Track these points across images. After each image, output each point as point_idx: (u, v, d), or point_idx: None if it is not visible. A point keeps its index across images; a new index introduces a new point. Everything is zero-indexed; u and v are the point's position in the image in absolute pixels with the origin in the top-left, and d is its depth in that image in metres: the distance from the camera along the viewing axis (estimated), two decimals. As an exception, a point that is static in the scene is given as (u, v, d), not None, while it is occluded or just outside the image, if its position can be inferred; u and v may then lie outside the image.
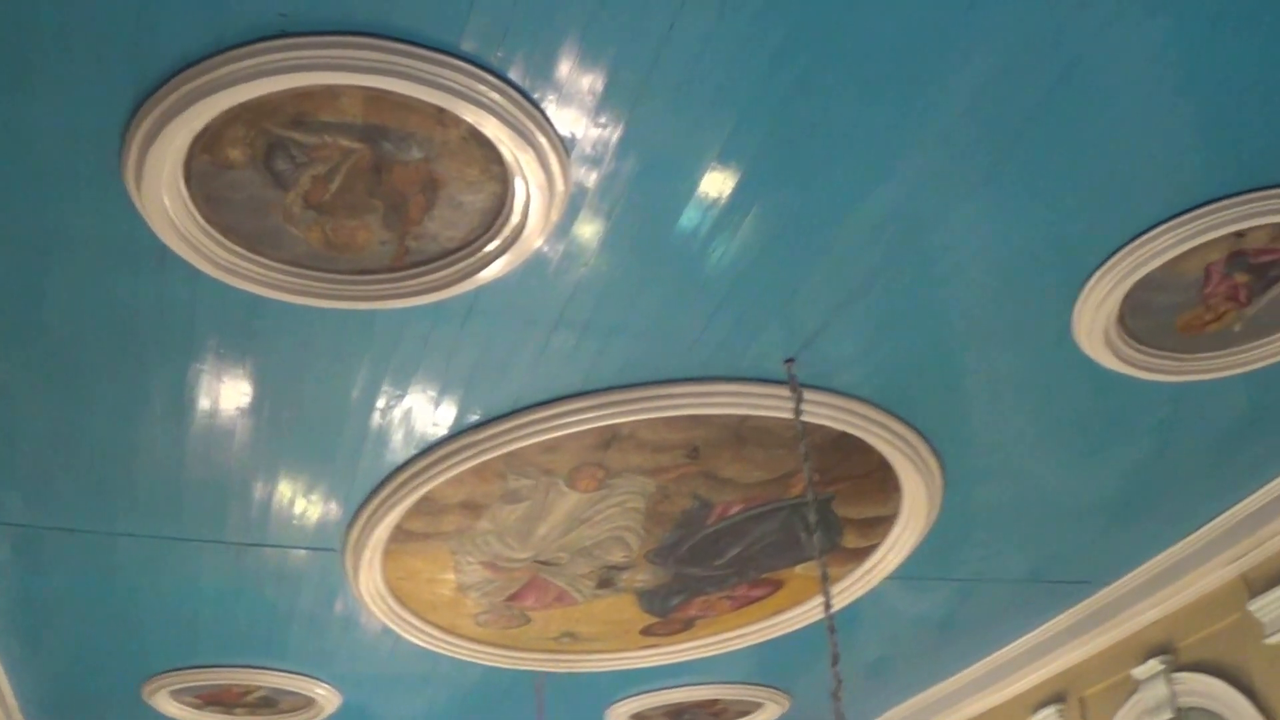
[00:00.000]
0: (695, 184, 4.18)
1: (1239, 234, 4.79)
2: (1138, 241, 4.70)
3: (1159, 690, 7.46)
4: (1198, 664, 7.31)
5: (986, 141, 4.13)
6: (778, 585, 7.11)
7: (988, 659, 8.60)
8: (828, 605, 5.00)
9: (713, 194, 4.22)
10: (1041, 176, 4.32)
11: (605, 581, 6.79)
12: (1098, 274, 4.83)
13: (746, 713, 9.19)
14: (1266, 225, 4.75)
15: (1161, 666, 7.45)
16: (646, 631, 7.49)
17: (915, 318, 5.03)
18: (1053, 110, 4.03)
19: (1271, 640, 6.78)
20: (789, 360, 5.14)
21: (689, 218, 4.32)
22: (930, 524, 6.53)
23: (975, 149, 4.16)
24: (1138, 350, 5.33)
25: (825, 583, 5.09)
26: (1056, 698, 8.28)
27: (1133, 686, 7.65)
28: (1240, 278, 5.07)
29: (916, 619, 7.95)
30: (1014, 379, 5.54)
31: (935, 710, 9.24)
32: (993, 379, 5.52)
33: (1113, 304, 4.98)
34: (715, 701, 8.96)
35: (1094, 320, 5.05)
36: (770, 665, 8.30)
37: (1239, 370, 5.57)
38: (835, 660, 4.76)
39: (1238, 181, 4.52)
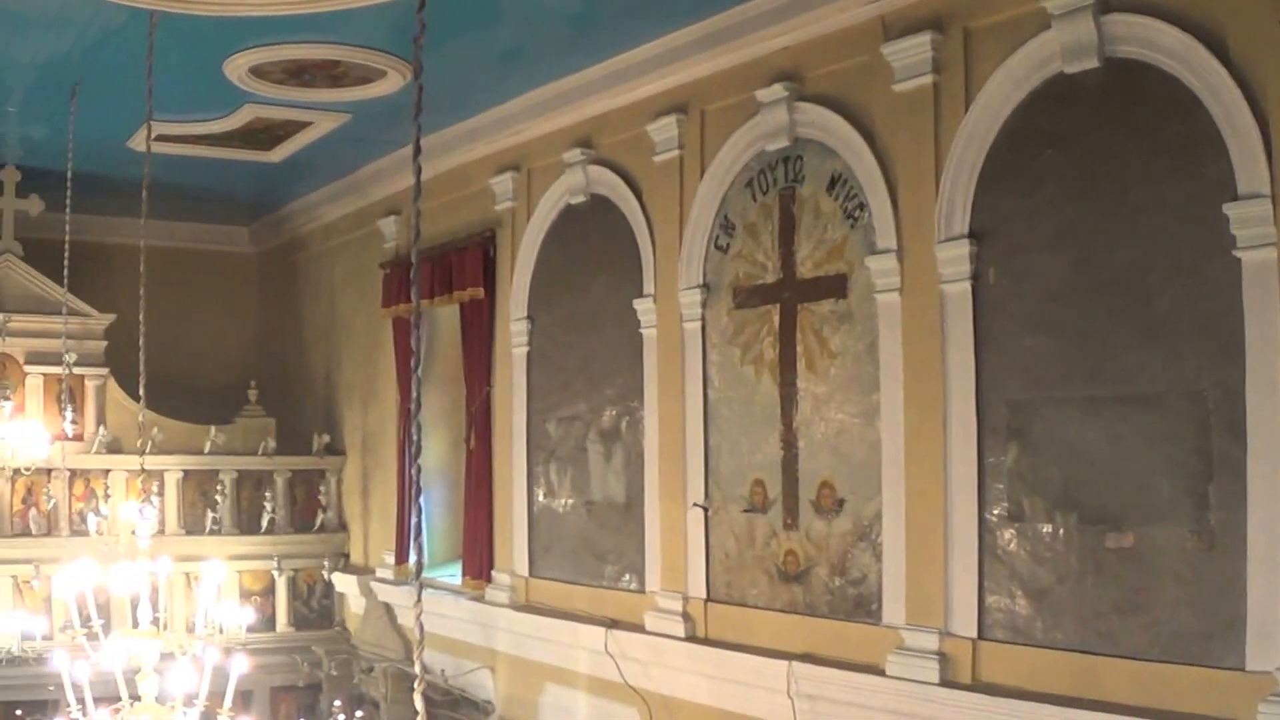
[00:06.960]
0: None
1: None
2: None
3: (779, 116, 7.46)
4: (822, 97, 7.29)
5: None
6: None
7: (615, 59, 8.41)
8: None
9: None
10: None
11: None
12: None
13: (368, 80, 8.92)
14: None
15: (785, 93, 7.40)
16: (270, -21, 7.10)
17: None
18: None
19: (899, 87, 6.76)
20: None
21: None
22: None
23: None
24: None
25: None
26: (678, 108, 8.19)
27: (755, 109, 7.62)
28: None
29: (552, 9, 7.67)
30: None
31: (559, 104, 9.11)
32: None
33: None
34: (337, 64, 8.61)
35: None
36: (398, 31, 7.83)
37: None
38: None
39: None
